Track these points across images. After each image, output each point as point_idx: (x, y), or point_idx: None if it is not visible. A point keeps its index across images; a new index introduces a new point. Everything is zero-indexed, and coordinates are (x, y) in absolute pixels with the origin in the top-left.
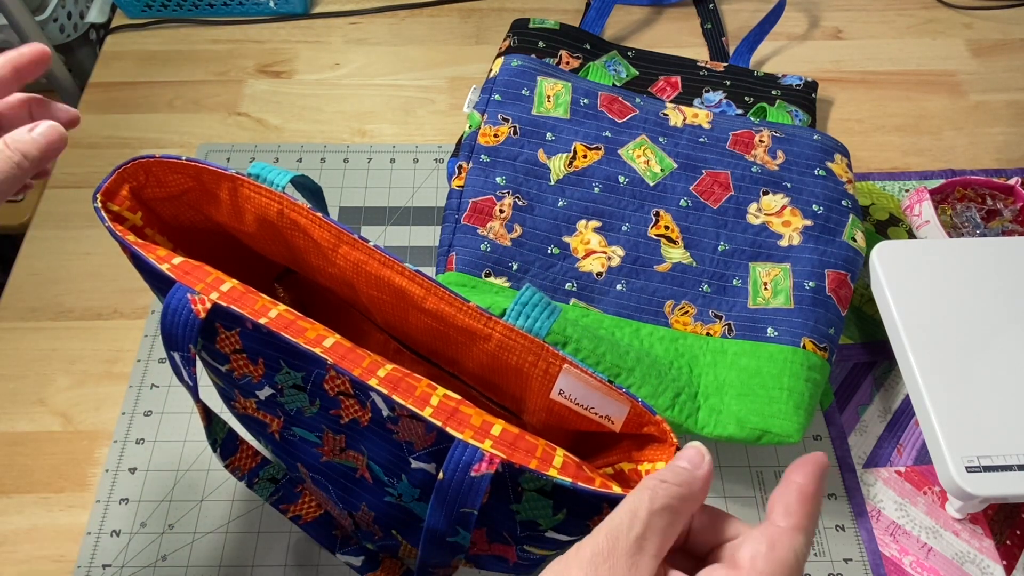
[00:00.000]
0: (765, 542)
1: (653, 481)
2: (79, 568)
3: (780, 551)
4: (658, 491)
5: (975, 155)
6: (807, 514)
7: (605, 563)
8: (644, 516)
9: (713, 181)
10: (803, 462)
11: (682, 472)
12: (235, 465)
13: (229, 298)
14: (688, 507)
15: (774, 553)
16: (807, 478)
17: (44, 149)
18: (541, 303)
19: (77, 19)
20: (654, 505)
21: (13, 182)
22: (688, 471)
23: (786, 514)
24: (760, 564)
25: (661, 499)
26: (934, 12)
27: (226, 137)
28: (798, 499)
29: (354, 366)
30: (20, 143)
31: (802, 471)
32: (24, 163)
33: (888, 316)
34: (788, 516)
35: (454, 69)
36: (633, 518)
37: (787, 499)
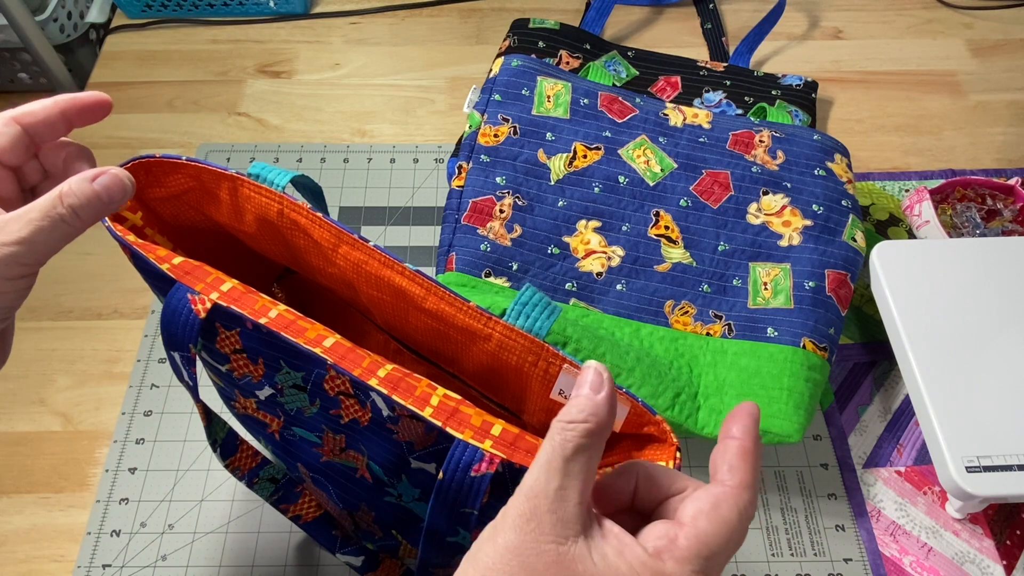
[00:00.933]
0: (709, 500)
1: (559, 425)
2: (79, 568)
3: (724, 510)
4: (567, 436)
5: (975, 155)
6: (750, 470)
7: (529, 524)
8: (559, 466)
9: (713, 181)
10: (736, 416)
11: (586, 403)
12: (235, 465)
13: (229, 298)
14: (601, 438)
15: (717, 512)
16: (744, 432)
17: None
18: (541, 303)
19: (77, 19)
20: (566, 452)
21: (58, 237)
22: (591, 399)
23: (730, 472)
24: (702, 522)
25: (572, 443)
26: (934, 12)
27: (226, 137)
28: (739, 455)
29: (354, 366)
30: (73, 196)
31: (738, 425)
32: (73, 220)
33: (888, 316)
34: (732, 473)
35: (454, 69)
36: (549, 472)
37: (728, 457)
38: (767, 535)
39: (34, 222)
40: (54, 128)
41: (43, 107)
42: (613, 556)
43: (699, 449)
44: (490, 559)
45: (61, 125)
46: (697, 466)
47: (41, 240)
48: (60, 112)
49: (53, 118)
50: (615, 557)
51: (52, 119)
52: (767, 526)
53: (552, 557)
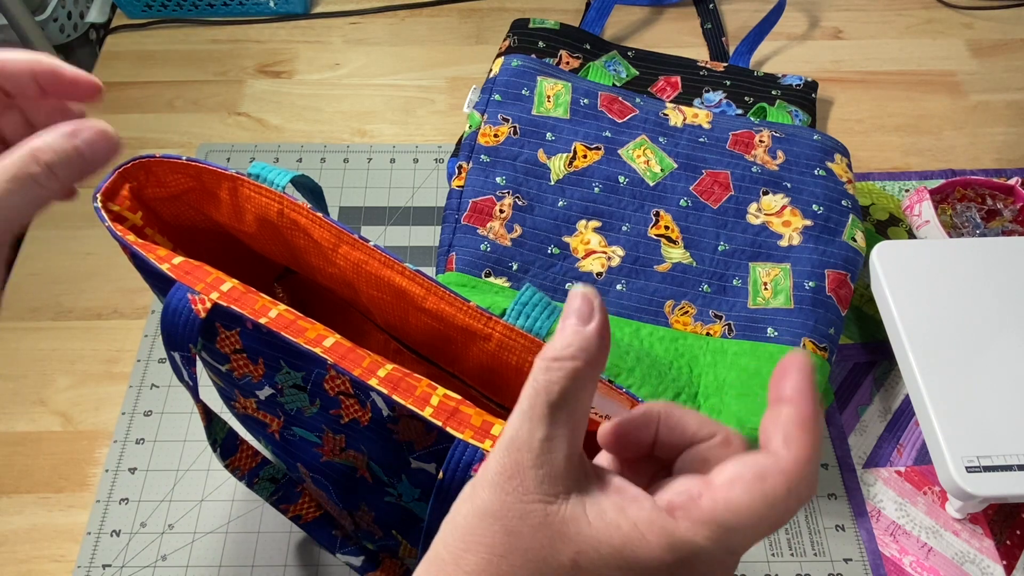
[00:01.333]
0: (754, 468)
1: (543, 364)
2: (79, 568)
3: (769, 484)
4: (552, 376)
5: (975, 155)
6: (811, 442)
7: (511, 482)
8: (544, 413)
9: (713, 181)
10: (787, 371)
11: (574, 338)
12: (235, 465)
13: (229, 298)
14: (592, 378)
15: (761, 484)
16: (800, 395)
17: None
18: (541, 303)
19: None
20: (552, 396)
21: (30, 201)
22: (579, 332)
23: (786, 444)
24: (738, 490)
25: (558, 384)
26: (934, 12)
27: (226, 137)
28: (797, 424)
29: (354, 366)
30: (50, 151)
31: (791, 383)
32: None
33: (888, 316)
34: (789, 446)
35: (454, 69)
36: (532, 420)
37: (783, 425)
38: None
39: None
40: (20, 85)
41: (13, 60)
42: (613, 513)
43: None
44: (468, 523)
45: (29, 86)
46: None
47: (10, 205)
48: (30, 71)
49: (20, 75)
50: (615, 514)
51: (19, 75)
52: None
53: (539, 519)
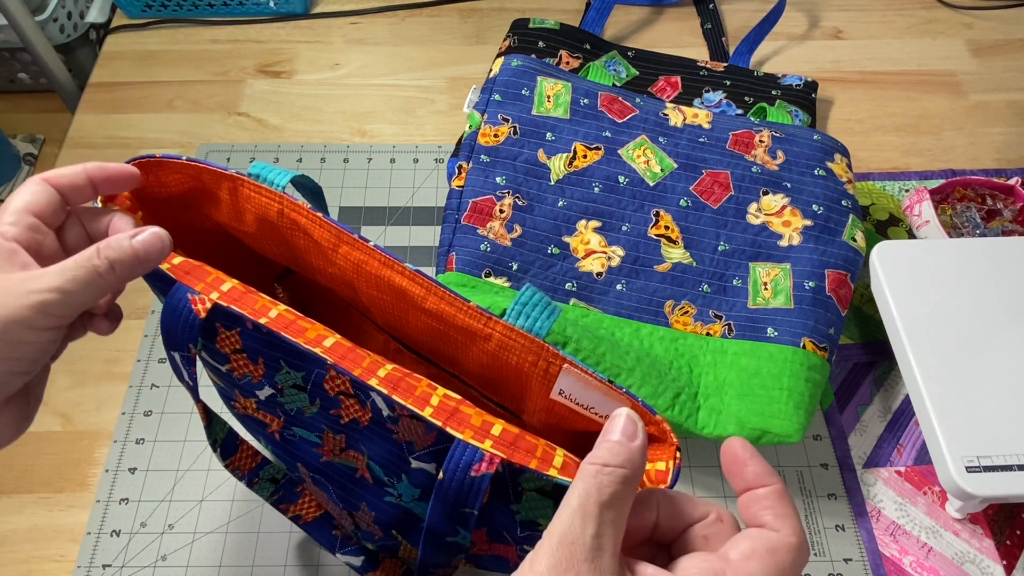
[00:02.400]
0: (765, 544)
1: (593, 468)
2: (79, 568)
3: (781, 557)
4: (603, 480)
5: (975, 155)
6: (796, 515)
7: (567, 574)
8: (595, 512)
9: (713, 181)
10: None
11: (622, 450)
12: (235, 465)
13: (229, 298)
14: (634, 486)
15: (774, 557)
16: (768, 474)
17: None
18: (541, 303)
19: (77, 19)
20: (603, 497)
21: (90, 291)
22: (626, 446)
23: (779, 519)
24: (755, 564)
25: (608, 488)
26: (934, 12)
27: (226, 137)
28: (780, 499)
29: (354, 366)
30: (111, 250)
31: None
32: (108, 274)
33: (888, 316)
34: (783, 521)
35: (454, 69)
36: (584, 517)
37: (770, 503)
38: None
39: (69, 271)
40: (80, 191)
41: (72, 171)
42: None
43: (699, 449)
44: None
45: (87, 189)
46: (697, 466)
47: (75, 290)
48: (87, 176)
49: (80, 181)
50: None
51: (79, 182)
52: None
53: None
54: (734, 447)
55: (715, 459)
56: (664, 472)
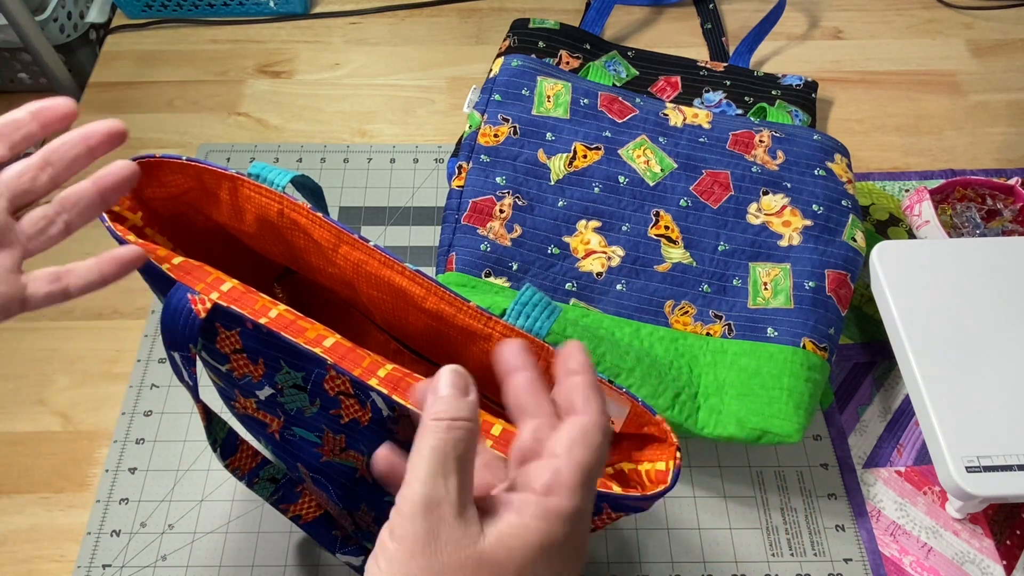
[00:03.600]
0: (578, 429)
1: (443, 424)
2: (79, 568)
3: (592, 436)
4: (457, 435)
5: (975, 155)
6: (602, 398)
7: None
8: (455, 467)
9: (713, 181)
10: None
11: (463, 404)
12: (235, 465)
13: (229, 298)
14: (477, 437)
15: (587, 438)
16: (587, 368)
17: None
18: (541, 303)
19: (77, 19)
20: (459, 451)
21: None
22: (465, 400)
23: (587, 402)
24: (578, 451)
25: (462, 442)
26: (934, 12)
27: (226, 137)
28: (591, 387)
29: (354, 366)
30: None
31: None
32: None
33: (888, 316)
34: (589, 404)
35: (454, 69)
36: (447, 476)
37: (582, 390)
38: (767, 535)
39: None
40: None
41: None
42: (515, 520)
43: (699, 449)
44: None
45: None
46: (697, 466)
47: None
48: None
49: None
50: (517, 520)
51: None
52: (767, 526)
53: (475, 561)
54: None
55: (715, 459)
56: (664, 472)
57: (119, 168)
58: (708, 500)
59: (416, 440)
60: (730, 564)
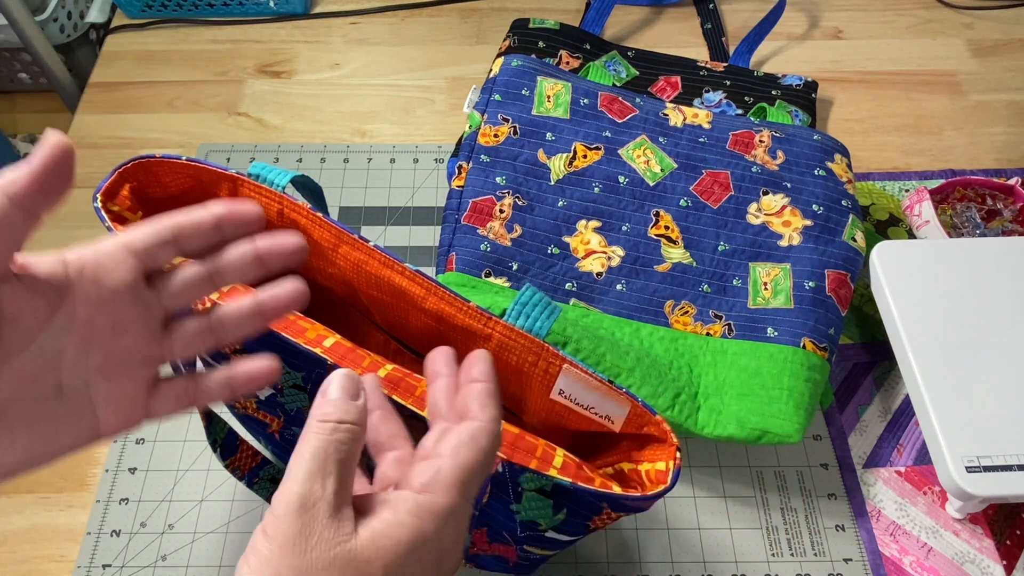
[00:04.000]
0: (467, 433)
1: (328, 426)
2: (79, 568)
3: (481, 440)
4: (340, 437)
5: (975, 155)
6: (497, 406)
7: (310, 540)
8: (335, 470)
9: (713, 181)
10: (474, 361)
11: (351, 407)
12: (235, 465)
13: (229, 298)
14: (362, 441)
15: (475, 442)
16: (488, 376)
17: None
18: (541, 303)
19: (77, 19)
20: (340, 454)
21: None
22: (353, 404)
23: (482, 408)
24: (463, 453)
25: (345, 444)
26: (934, 12)
27: (226, 137)
28: (488, 394)
29: (354, 366)
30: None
31: (478, 369)
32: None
33: (888, 316)
34: (484, 410)
35: (454, 69)
36: (325, 476)
37: (478, 397)
38: (767, 535)
39: None
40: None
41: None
42: (390, 518)
43: (699, 449)
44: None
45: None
46: (697, 466)
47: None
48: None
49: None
50: (391, 517)
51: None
52: (767, 526)
53: (343, 559)
54: (475, 353)
55: (715, 459)
56: (664, 472)
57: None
58: (708, 500)
59: (300, 441)
60: (730, 564)
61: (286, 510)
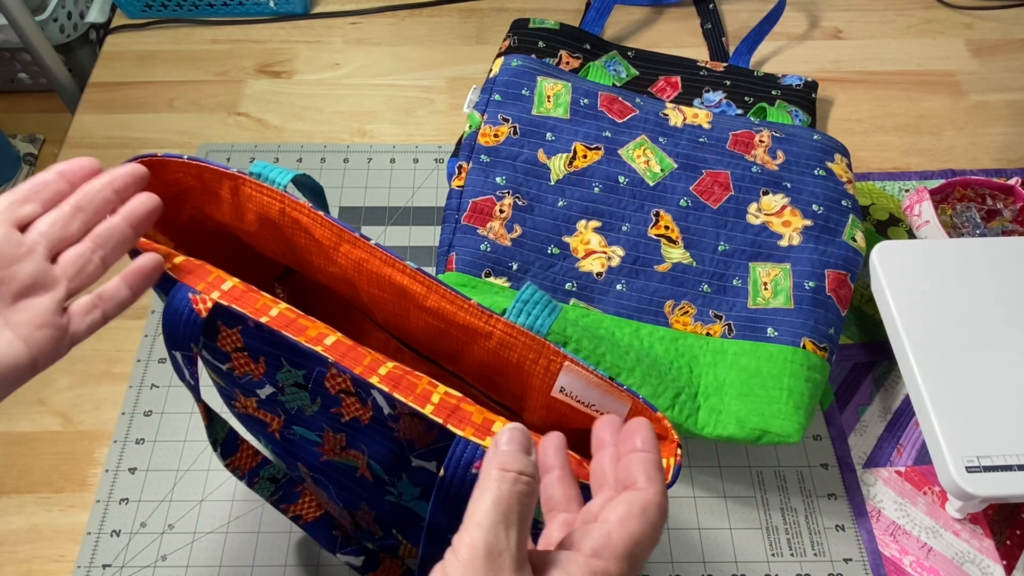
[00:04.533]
0: (639, 504)
1: (510, 476)
2: (79, 568)
3: (651, 514)
4: (522, 489)
5: (975, 155)
6: (663, 479)
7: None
8: (517, 520)
9: (713, 181)
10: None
11: (529, 462)
12: (235, 465)
13: (230, 297)
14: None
15: (646, 515)
16: (653, 446)
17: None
18: (542, 301)
19: (77, 19)
20: (523, 507)
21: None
22: (530, 459)
23: (649, 482)
24: (634, 524)
25: (527, 497)
26: (934, 12)
27: (226, 137)
28: (655, 467)
29: (355, 364)
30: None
31: (642, 438)
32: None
33: (888, 316)
34: (652, 483)
35: (454, 69)
36: (508, 527)
37: (646, 468)
38: (767, 535)
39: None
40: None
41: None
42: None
43: (699, 449)
44: None
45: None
46: (696, 466)
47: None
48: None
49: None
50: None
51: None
52: (767, 526)
53: None
54: (636, 421)
55: (715, 459)
56: (665, 469)
57: (144, 201)
58: (708, 500)
59: (480, 487)
60: (730, 564)
61: (472, 556)
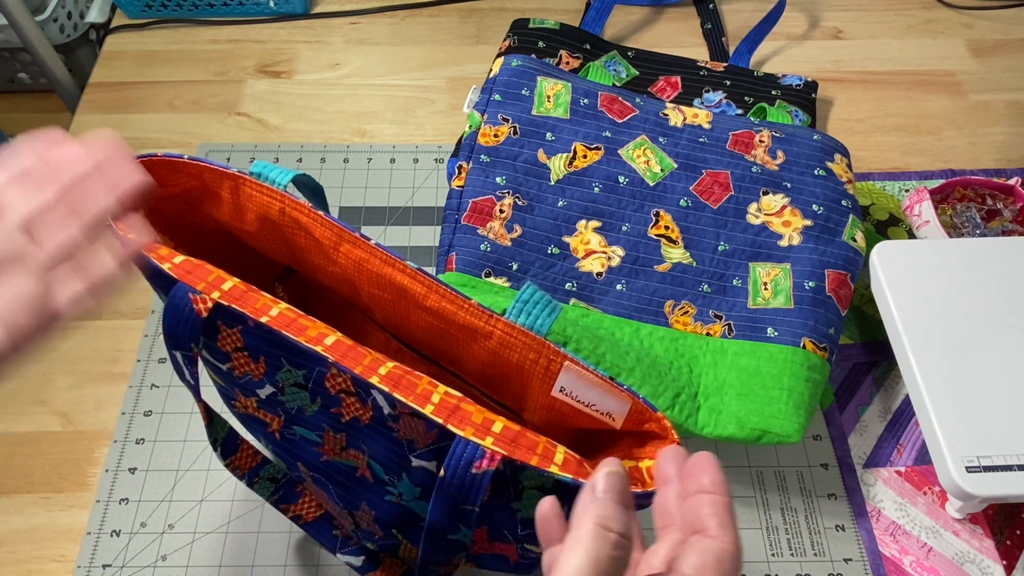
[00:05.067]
0: (713, 554)
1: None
2: (79, 568)
3: (727, 565)
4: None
5: (975, 155)
6: (735, 524)
7: None
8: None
9: (713, 181)
10: (703, 467)
11: (626, 519)
12: (235, 464)
13: (230, 297)
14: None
15: (722, 566)
16: (722, 487)
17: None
18: (542, 300)
19: (77, 19)
20: (617, 567)
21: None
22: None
23: (722, 528)
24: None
25: (621, 557)
26: (934, 12)
27: (226, 137)
28: (727, 510)
29: (355, 364)
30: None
31: (710, 478)
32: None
33: (888, 316)
34: (725, 530)
35: (454, 69)
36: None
37: (718, 512)
38: (767, 535)
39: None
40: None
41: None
42: None
43: (699, 449)
44: None
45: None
46: None
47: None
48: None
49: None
50: None
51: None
52: (767, 526)
53: None
54: (700, 457)
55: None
56: None
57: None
58: None
59: (575, 539)
60: None
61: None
